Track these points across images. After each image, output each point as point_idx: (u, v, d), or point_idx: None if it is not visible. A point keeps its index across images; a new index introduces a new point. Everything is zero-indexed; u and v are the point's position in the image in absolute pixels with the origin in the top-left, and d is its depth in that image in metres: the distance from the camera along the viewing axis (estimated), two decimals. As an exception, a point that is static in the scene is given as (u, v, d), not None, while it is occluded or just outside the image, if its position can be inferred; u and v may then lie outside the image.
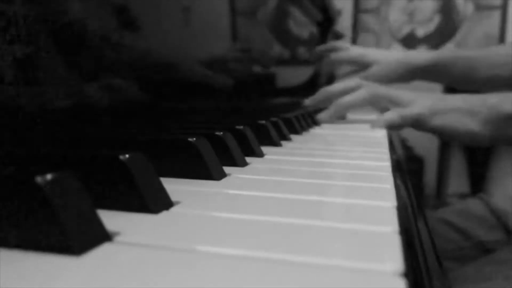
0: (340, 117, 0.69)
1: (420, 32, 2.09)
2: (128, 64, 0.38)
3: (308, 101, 0.69)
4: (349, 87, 0.64)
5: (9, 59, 0.25)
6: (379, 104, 0.63)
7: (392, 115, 0.60)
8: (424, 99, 0.60)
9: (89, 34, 0.32)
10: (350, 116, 0.78)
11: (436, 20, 2.07)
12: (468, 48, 2.00)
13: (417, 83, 0.86)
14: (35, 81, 0.27)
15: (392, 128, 0.60)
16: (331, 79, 1.20)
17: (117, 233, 0.15)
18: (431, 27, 2.08)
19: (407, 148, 1.95)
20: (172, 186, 0.21)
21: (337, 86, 0.66)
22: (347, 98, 0.62)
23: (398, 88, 0.67)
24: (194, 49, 0.52)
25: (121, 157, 0.18)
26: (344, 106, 0.63)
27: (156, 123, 0.42)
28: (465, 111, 0.57)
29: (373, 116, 0.75)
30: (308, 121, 0.59)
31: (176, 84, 0.47)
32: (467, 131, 0.56)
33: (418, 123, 0.59)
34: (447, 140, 0.61)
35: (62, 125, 0.31)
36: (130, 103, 0.39)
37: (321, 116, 0.64)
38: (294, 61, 1.04)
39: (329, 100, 0.66)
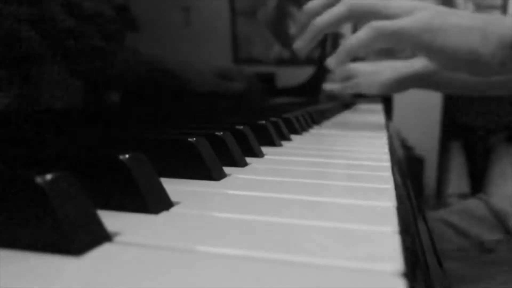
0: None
1: (420, 32, 2.09)
2: (128, 64, 0.38)
3: (297, 43, 0.54)
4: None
5: (8, 59, 0.25)
6: (362, 20, 0.50)
7: (363, 31, 0.46)
8: (421, 12, 0.47)
9: (89, 34, 0.32)
10: (351, 116, 0.78)
11: (436, 20, 2.07)
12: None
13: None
14: (35, 81, 0.27)
15: (366, 48, 0.47)
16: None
17: (117, 233, 0.15)
18: (431, 27, 2.08)
19: (407, 148, 1.95)
20: (172, 186, 0.21)
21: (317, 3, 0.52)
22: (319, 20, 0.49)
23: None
24: (193, 49, 0.52)
25: (121, 157, 0.18)
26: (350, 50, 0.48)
27: (156, 123, 0.42)
28: (473, 29, 0.45)
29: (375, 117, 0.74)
30: (308, 121, 0.59)
31: (175, 84, 0.47)
32: (471, 52, 0.45)
33: (403, 40, 0.46)
34: (442, 65, 0.49)
35: (62, 125, 0.31)
36: (130, 103, 0.39)
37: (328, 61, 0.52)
38: (294, 61, 1.04)
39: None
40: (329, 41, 1.18)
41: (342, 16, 0.49)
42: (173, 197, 0.20)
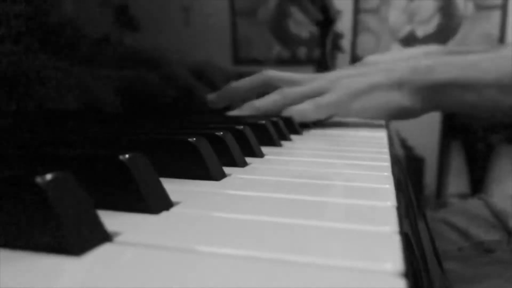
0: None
1: (420, 32, 2.09)
2: (128, 64, 0.38)
3: (211, 97, 0.57)
4: (256, 84, 0.57)
5: (7, 59, 0.25)
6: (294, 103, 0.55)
7: (305, 105, 0.52)
8: (343, 82, 0.53)
9: (90, 35, 0.32)
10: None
11: (436, 20, 2.07)
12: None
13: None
14: (35, 81, 0.27)
15: (306, 121, 0.53)
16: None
17: (117, 234, 0.15)
18: (431, 27, 2.08)
19: (407, 148, 1.95)
20: (172, 186, 0.21)
21: (243, 83, 0.57)
22: (262, 103, 0.54)
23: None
24: (193, 49, 0.52)
25: (121, 157, 0.18)
26: (257, 109, 0.54)
27: (156, 123, 0.42)
28: (391, 85, 0.50)
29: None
30: (308, 121, 0.59)
31: (175, 84, 0.47)
32: (396, 108, 0.51)
33: (339, 111, 0.52)
34: (376, 119, 0.58)
35: (62, 125, 0.31)
36: (129, 103, 0.39)
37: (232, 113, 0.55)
38: (294, 61, 1.04)
39: (234, 99, 0.58)
40: (328, 41, 1.18)
41: (276, 102, 0.54)
42: (173, 197, 0.20)
